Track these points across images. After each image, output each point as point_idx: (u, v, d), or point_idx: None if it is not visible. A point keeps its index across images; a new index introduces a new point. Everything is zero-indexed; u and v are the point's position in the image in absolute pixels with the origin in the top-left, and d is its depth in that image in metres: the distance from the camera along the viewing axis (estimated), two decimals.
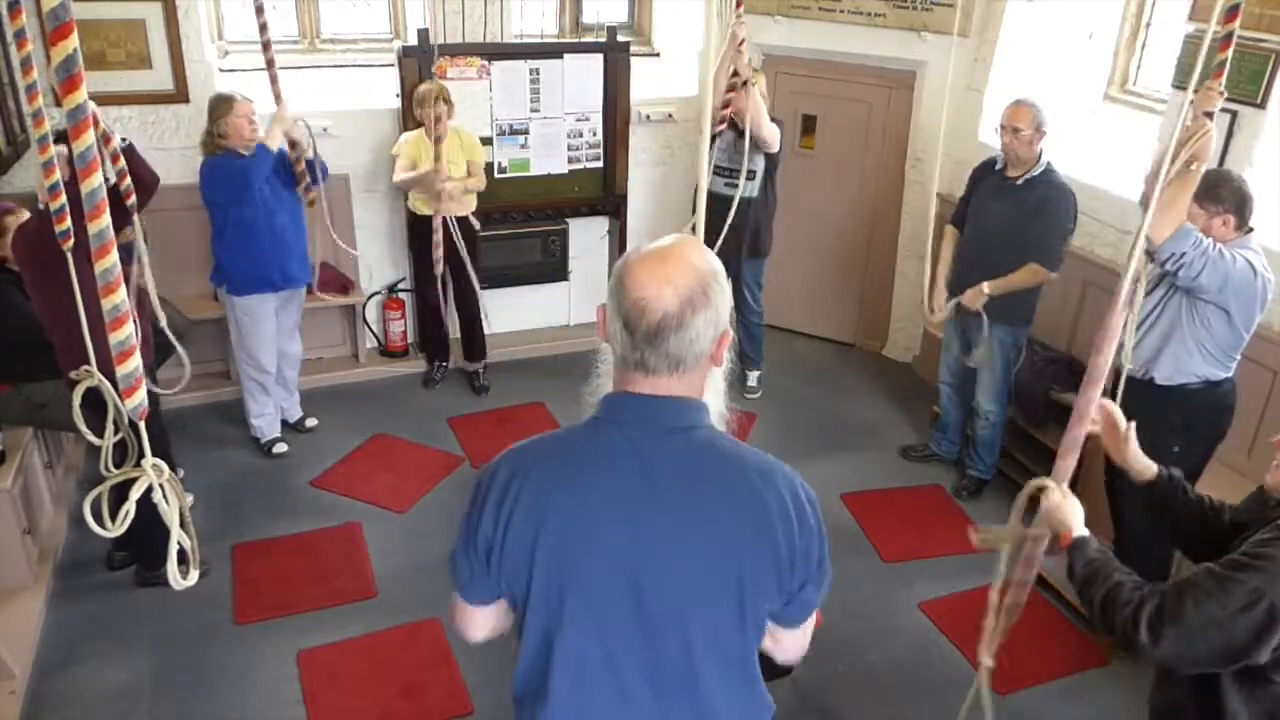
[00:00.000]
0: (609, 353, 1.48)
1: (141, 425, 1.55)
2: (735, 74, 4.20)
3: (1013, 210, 3.94)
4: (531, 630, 1.49)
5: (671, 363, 1.38)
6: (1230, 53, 2.58)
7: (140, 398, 1.50)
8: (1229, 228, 3.04)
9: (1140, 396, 3.24)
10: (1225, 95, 2.79)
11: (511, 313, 5.57)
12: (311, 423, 4.73)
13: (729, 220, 3.54)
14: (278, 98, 3.93)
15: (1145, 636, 1.83)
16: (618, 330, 1.39)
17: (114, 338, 1.45)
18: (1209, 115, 2.74)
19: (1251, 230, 3.08)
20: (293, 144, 4.06)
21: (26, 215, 3.45)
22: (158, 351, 3.72)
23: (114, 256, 1.39)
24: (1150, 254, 3.05)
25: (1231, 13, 2.47)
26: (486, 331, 5.16)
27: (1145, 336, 3.27)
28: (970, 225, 4.17)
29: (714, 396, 1.52)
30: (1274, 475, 2.00)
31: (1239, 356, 3.21)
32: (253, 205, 4.03)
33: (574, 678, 1.47)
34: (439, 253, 4.38)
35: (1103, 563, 2.01)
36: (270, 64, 3.83)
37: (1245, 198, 3.03)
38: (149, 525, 1.70)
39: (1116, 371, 3.28)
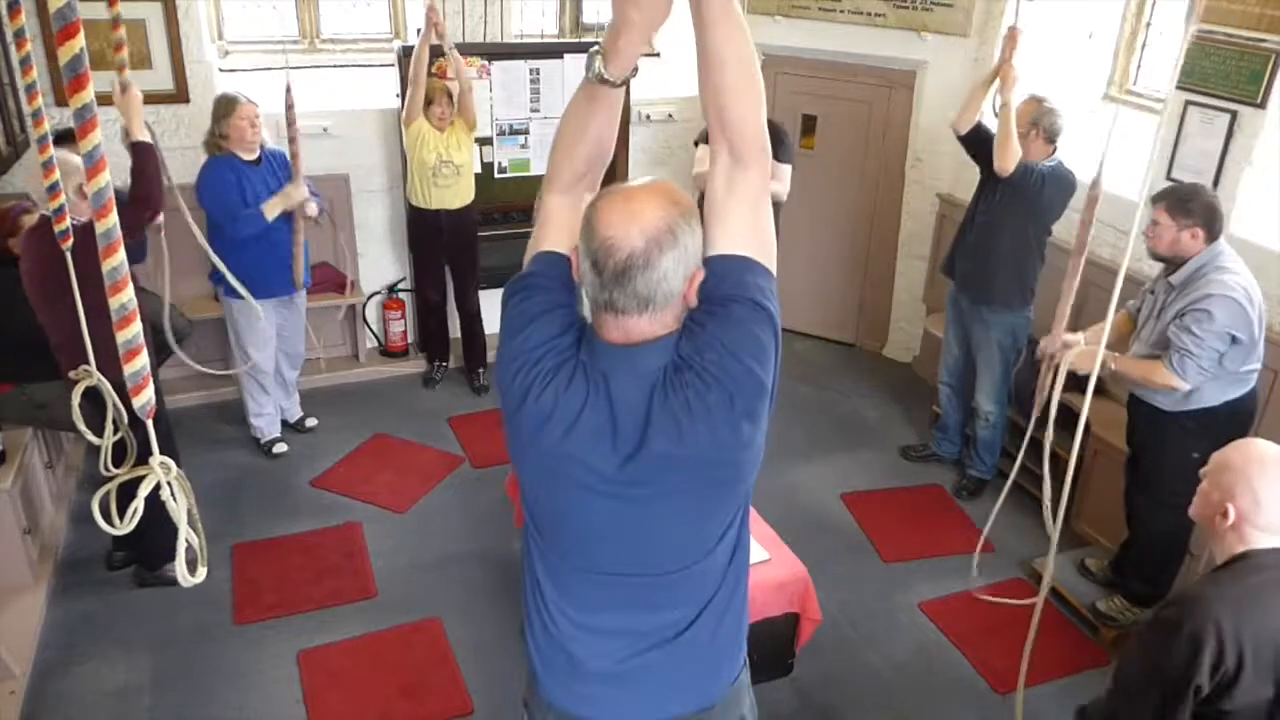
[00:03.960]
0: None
1: (149, 423, 1.55)
2: None
3: (1023, 185, 3.92)
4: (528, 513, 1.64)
5: (640, 302, 1.38)
6: None
7: (148, 395, 1.50)
8: (1198, 240, 3.12)
9: (1154, 415, 3.27)
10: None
11: None
12: (311, 423, 4.73)
13: None
14: (296, 174, 4.00)
15: None
16: (587, 270, 1.39)
17: (121, 336, 1.45)
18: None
19: (1218, 239, 3.12)
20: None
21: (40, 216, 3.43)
22: (157, 352, 3.72)
23: (121, 255, 1.39)
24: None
25: None
26: (487, 332, 5.18)
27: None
28: (979, 205, 4.16)
29: None
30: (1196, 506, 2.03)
31: (1258, 367, 3.20)
32: (246, 220, 4.02)
33: (567, 586, 1.60)
34: None
35: None
36: (293, 140, 3.93)
37: (1215, 212, 3.13)
38: (152, 524, 1.70)
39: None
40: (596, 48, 1.47)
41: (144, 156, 3.32)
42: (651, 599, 1.58)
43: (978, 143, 4.06)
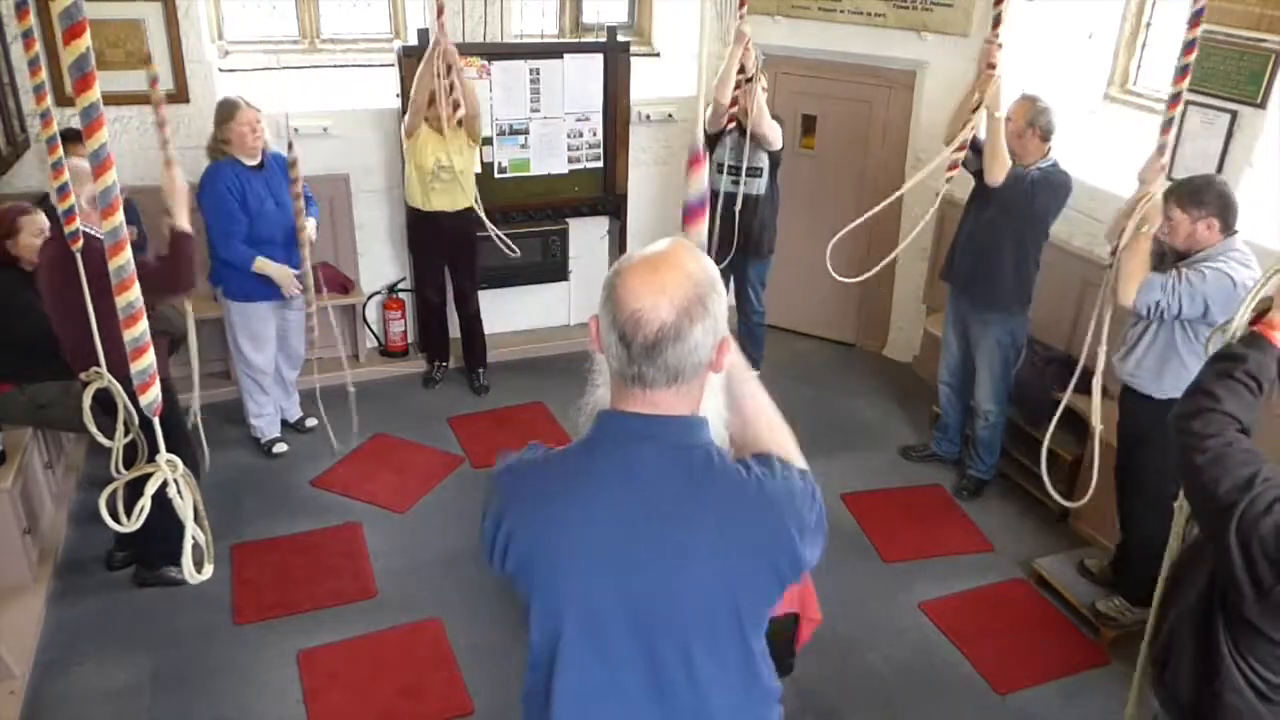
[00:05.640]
0: (603, 361, 1.45)
1: (156, 421, 1.55)
2: (742, 69, 4.24)
3: (1014, 194, 3.92)
4: (536, 644, 1.49)
5: (670, 375, 1.34)
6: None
7: (154, 394, 1.51)
8: (1214, 231, 3.11)
9: (1143, 406, 3.27)
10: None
11: (511, 313, 5.58)
12: (311, 423, 4.73)
13: (736, 217, 3.54)
14: (302, 244, 3.97)
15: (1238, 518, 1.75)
16: (613, 344, 1.34)
17: (128, 334, 1.45)
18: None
19: (1235, 233, 3.11)
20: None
21: (41, 217, 3.43)
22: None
23: (127, 254, 1.39)
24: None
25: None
26: (486, 332, 5.19)
27: (1144, 358, 3.27)
28: (974, 213, 4.15)
29: (714, 399, 1.49)
30: None
31: None
32: (237, 252, 4.05)
33: (577, 692, 1.46)
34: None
35: (1255, 395, 1.84)
36: (296, 198, 3.91)
37: (1229, 201, 3.11)
38: (153, 523, 1.70)
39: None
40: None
41: (182, 245, 3.28)
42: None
43: (970, 156, 4.01)
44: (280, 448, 4.52)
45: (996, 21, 3.53)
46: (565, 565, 1.41)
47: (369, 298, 5.27)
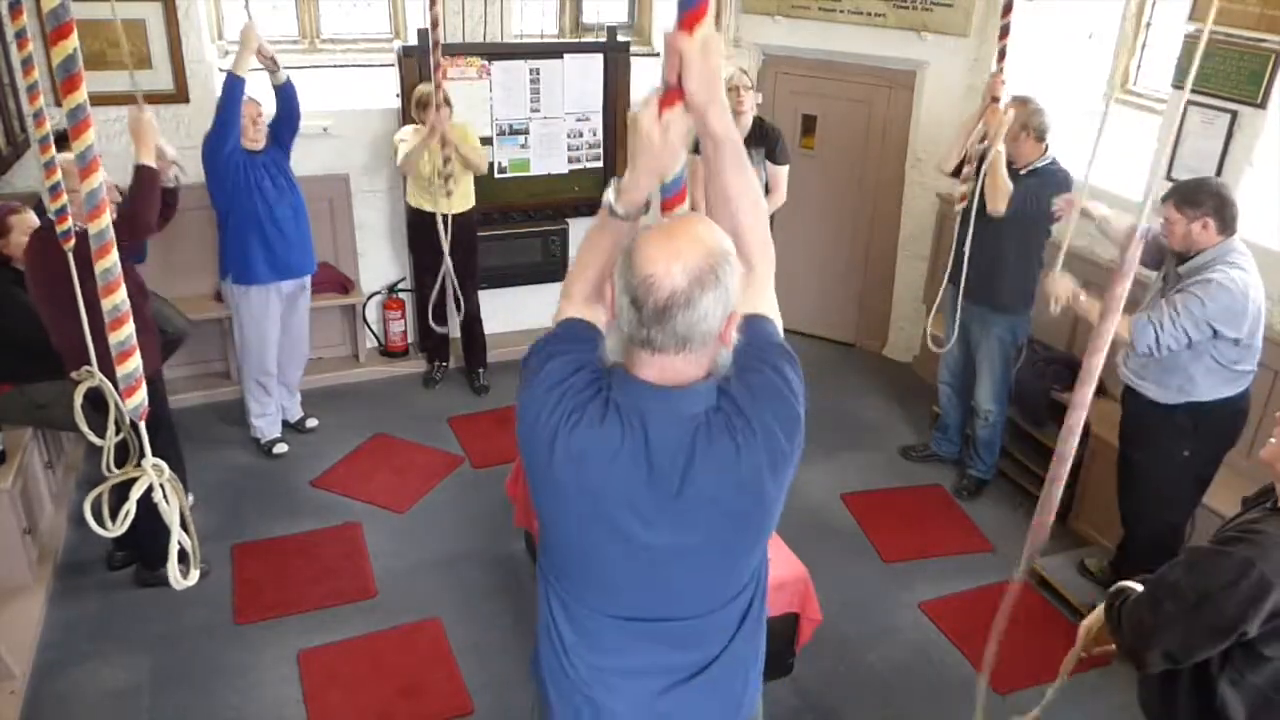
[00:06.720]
0: (611, 333, 1.48)
1: (142, 425, 1.55)
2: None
3: (1018, 206, 3.92)
4: (549, 526, 1.59)
5: (679, 341, 1.37)
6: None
7: (140, 398, 1.51)
8: (1210, 231, 3.08)
9: (1147, 408, 3.27)
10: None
11: (511, 313, 5.57)
12: (312, 423, 4.73)
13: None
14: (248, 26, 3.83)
15: (1150, 621, 1.91)
16: (625, 306, 1.37)
17: (114, 338, 1.45)
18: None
19: (1234, 234, 3.09)
20: (270, 59, 3.97)
21: (31, 215, 3.43)
22: (163, 348, 3.72)
23: (113, 256, 1.39)
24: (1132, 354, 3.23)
25: None
26: (486, 332, 5.19)
27: (1148, 362, 3.25)
28: (975, 214, 4.13)
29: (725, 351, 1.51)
30: (1269, 450, 1.99)
31: (1253, 368, 3.20)
32: (250, 195, 4.04)
33: (588, 631, 1.59)
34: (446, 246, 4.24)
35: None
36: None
37: (1225, 201, 3.08)
38: (150, 525, 1.70)
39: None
40: (616, 179, 1.54)
41: (144, 179, 3.26)
42: (677, 641, 1.57)
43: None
44: (280, 448, 4.52)
45: (1001, 55, 3.55)
46: (587, 513, 1.47)
47: (369, 298, 5.27)
